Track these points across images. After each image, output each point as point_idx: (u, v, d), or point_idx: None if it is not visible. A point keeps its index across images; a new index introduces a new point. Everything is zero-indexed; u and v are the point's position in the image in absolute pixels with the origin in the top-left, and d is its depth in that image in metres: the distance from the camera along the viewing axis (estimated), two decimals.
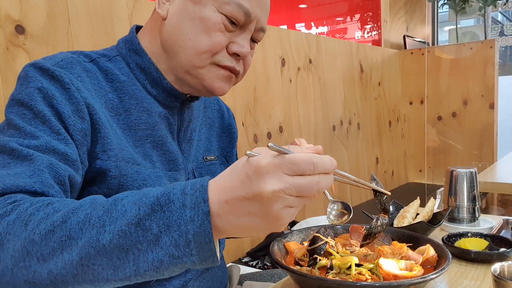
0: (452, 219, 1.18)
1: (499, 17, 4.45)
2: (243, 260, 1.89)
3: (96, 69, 0.77)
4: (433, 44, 4.04)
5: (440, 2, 3.60)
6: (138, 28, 0.86)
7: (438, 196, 1.73)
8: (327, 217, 0.64)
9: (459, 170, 1.18)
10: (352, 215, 0.62)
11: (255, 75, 2.04)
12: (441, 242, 0.88)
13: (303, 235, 0.89)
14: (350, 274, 0.70)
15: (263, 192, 0.47)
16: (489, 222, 1.16)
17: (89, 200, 0.54)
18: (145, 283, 0.76)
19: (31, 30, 1.19)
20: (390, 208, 1.11)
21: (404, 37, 3.65)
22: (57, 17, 1.25)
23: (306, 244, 0.84)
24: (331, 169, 0.51)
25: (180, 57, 0.78)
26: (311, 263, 0.75)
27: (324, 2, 3.00)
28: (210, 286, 0.89)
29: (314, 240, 0.79)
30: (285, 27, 2.53)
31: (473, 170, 1.18)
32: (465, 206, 1.17)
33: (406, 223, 1.05)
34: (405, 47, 3.60)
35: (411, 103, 3.53)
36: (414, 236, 0.87)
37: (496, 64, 3.17)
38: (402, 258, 0.78)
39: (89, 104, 0.71)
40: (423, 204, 1.13)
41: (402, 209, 1.13)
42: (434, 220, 1.08)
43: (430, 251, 0.77)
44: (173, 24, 0.78)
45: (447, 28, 4.16)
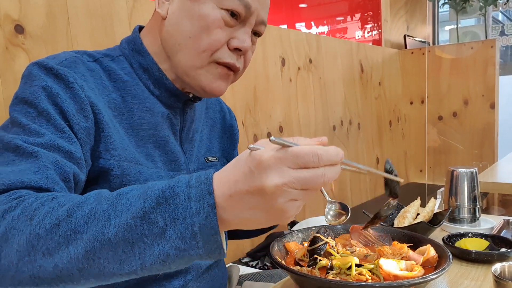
0: (453, 219, 1.18)
1: (500, 17, 4.45)
2: (243, 261, 1.89)
3: (99, 69, 0.77)
4: (433, 43, 4.03)
5: (441, 2, 3.59)
6: (141, 29, 0.86)
7: (439, 196, 1.73)
8: (325, 217, 0.64)
9: (459, 170, 1.18)
10: (349, 215, 0.62)
11: (255, 74, 2.04)
12: (441, 242, 0.88)
13: (303, 236, 0.89)
14: (350, 275, 0.70)
15: (266, 186, 0.47)
16: (490, 222, 1.16)
17: (94, 194, 0.54)
18: (151, 276, 0.75)
19: (31, 30, 1.19)
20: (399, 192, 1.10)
21: (404, 36, 3.64)
22: (57, 17, 1.25)
23: (306, 244, 0.84)
24: (337, 160, 0.49)
25: (181, 56, 0.78)
26: (311, 263, 0.75)
27: (324, 1, 3.00)
28: (210, 286, 0.89)
29: (314, 241, 0.79)
30: (285, 26, 2.52)
31: (474, 170, 1.18)
32: (466, 206, 1.17)
33: (406, 223, 1.05)
34: (406, 47, 3.60)
35: (411, 103, 3.53)
36: (415, 236, 0.87)
37: (497, 64, 3.16)
38: (402, 258, 0.78)
39: (93, 103, 0.71)
40: (423, 204, 1.13)
41: (403, 209, 1.12)
42: (435, 220, 1.08)
43: (430, 251, 0.77)
44: (173, 24, 0.78)
45: (447, 28, 4.15)
